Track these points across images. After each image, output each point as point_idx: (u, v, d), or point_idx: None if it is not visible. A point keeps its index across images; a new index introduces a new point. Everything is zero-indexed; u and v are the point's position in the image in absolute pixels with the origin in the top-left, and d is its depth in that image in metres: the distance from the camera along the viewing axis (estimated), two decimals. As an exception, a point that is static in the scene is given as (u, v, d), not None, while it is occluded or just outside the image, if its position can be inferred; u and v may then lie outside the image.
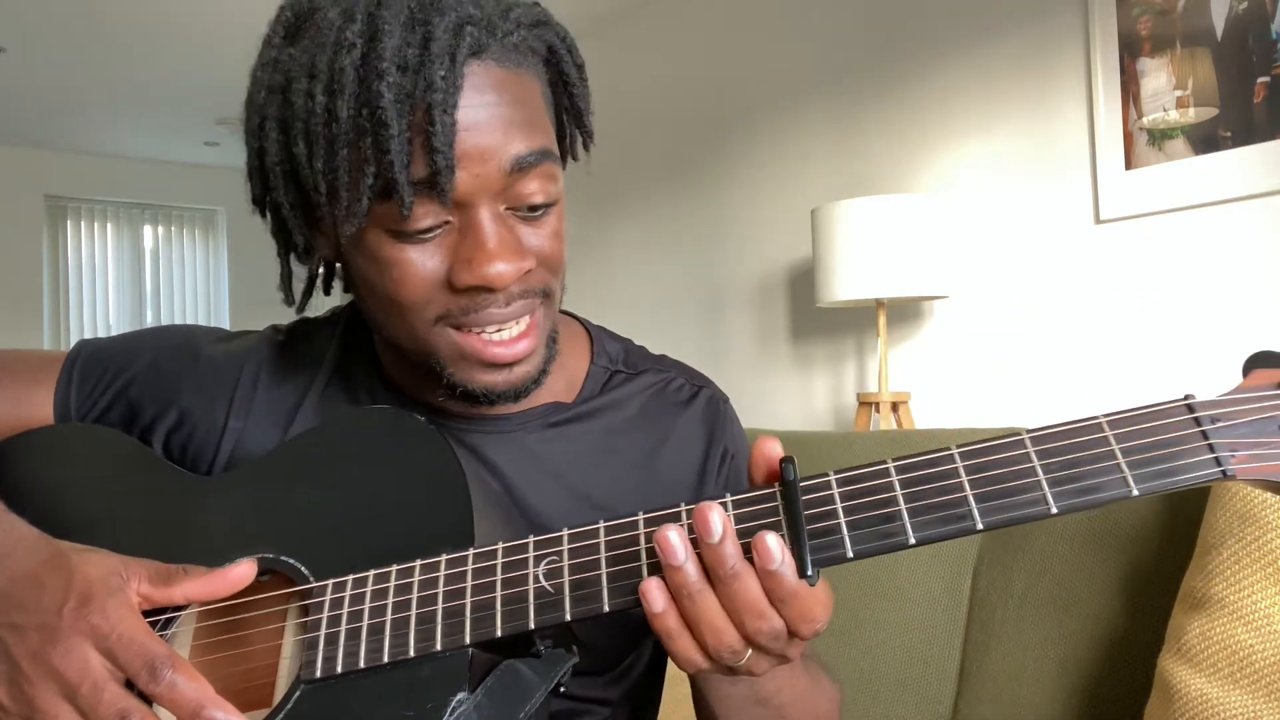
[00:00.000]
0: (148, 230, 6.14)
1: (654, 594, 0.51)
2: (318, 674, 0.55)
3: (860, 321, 2.80)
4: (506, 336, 0.64)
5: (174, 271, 6.21)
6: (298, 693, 0.55)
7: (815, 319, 2.95)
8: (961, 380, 2.52)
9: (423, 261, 0.61)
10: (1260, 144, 1.92)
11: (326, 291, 0.75)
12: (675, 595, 0.51)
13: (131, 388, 0.76)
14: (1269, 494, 0.82)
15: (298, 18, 0.61)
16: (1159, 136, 2.08)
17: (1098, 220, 2.21)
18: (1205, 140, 2.01)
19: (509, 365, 0.65)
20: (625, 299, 3.67)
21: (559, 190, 0.64)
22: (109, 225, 5.99)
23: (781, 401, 3.03)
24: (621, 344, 0.83)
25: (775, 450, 0.53)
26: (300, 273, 0.71)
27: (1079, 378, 2.25)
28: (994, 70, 2.44)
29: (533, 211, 0.62)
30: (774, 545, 0.49)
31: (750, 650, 0.51)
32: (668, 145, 3.49)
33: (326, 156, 0.58)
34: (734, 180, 3.26)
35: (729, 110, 3.27)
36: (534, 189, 0.61)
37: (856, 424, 2.42)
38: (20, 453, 0.75)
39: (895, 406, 2.36)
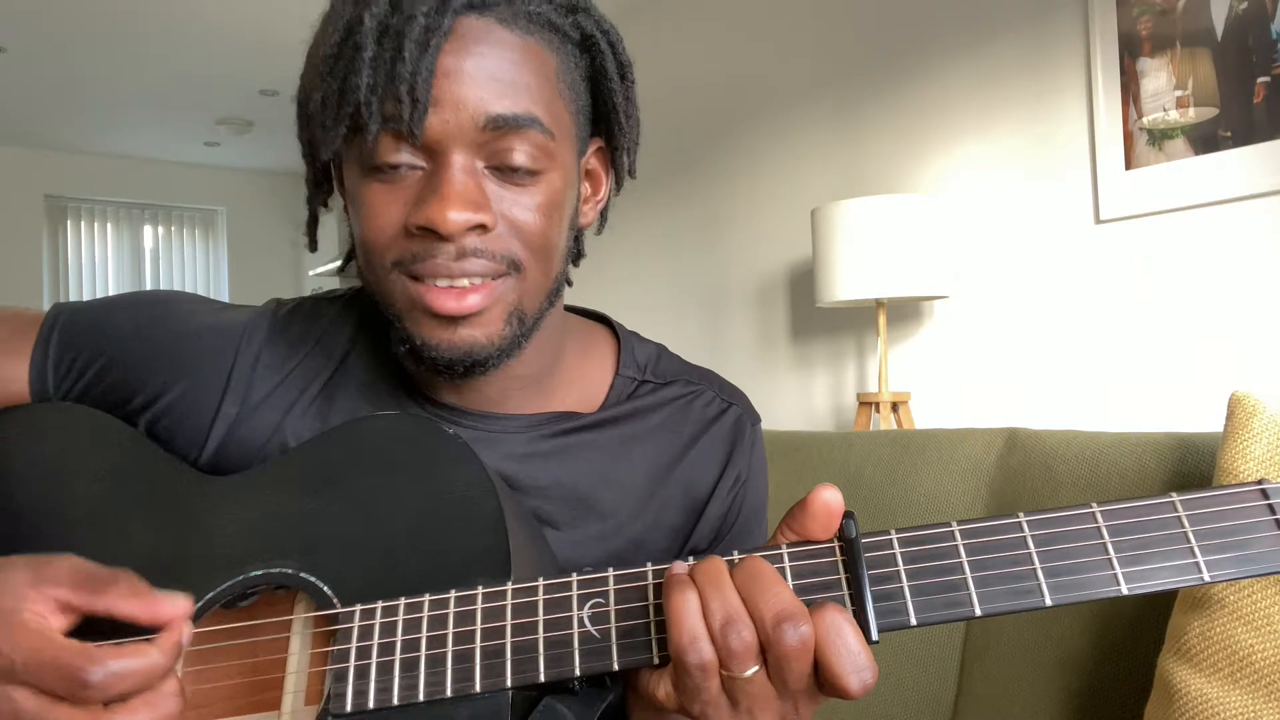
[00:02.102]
0: (148, 230, 6.14)
1: (680, 564, 0.50)
2: (348, 708, 0.52)
3: (860, 321, 2.80)
4: (456, 288, 0.62)
5: (174, 271, 6.21)
6: None
7: (815, 319, 2.95)
8: (961, 380, 2.51)
9: (388, 202, 0.61)
10: (1260, 144, 1.92)
11: (347, 260, 0.74)
12: (697, 577, 0.49)
13: (113, 369, 0.71)
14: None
15: None
16: (1159, 136, 2.08)
17: (1098, 220, 2.21)
18: (1205, 140, 2.00)
19: (454, 321, 0.62)
20: (625, 299, 3.67)
21: (552, 162, 0.62)
22: (109, 225, 5.99)
23: (781, 401, 3.03)
24: (654, 350, 0.80)
25: (836, 502, 0.50)
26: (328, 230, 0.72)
27: (1079, 378, 2.25)
28: (994, 70, 2.44)
29: (513, 173, 0.61)
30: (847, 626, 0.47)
31: (760, 667, 0.47)
32: (668, 145, 3.49)
33: (322, 85, 0.59)
34: (734, 180, 3.26)
35: (729, 110, 3.27)
36: (515, 153, 0.60)
37: (856, 424, 2.42)
38: (2, 432, 0.70)
39: (895, 406, 2.36)
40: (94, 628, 0.52)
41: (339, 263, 0.75)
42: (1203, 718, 0.78)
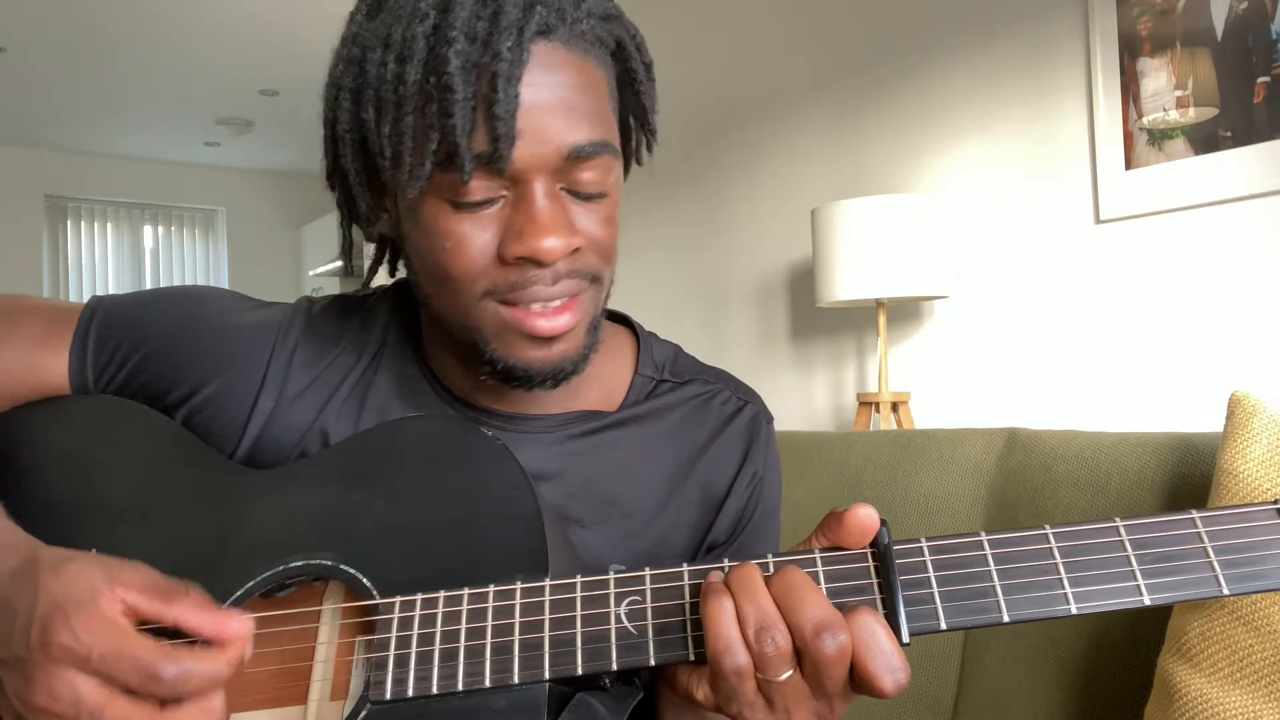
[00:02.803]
0: (148, 230, 6.14)
1: (717, 574, 0.52)
2: (387, 695, 0.53)
3: (860, 321, 2.80)
4: (550, 309, 0.64)
5: (174, 271, 6.21)
6: (365, 711, 0.54)
7: (815, 319, 2.95)
8: (961, 380, 2.51)
9: (475, 234, 0.61)
10: (1260, 144, 1.92)
11: (391, 273, 0.75)
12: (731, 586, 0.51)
13: (151, 363, 0.72)
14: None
15: None
16: (1159, 136, 2.08)
17: (1098, 220, 2.21)
18: (1205, 140, 2.00)
19: (549, 341, 0.64)
20: (625, 299, 3.66)
21: (615, 182, 0.65)
22: (109, 225, 5.99)
23: (781, 401, 3.03)
24: (671, 350, 0.82)
25: (872, 520, 0.52)
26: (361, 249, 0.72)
27: (1079, 378, 2.25)
28: (994, 70, 2.44)
29: (587, 198, 0.63)
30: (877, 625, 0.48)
31: (794, 671, 0.49)
32: (668, 145, 3.47)
33: (394, 121, 0.59)
34: (734, 180, 3.26)
35: (729, 110, 3.27)
36: (589, 178, 0.62)
37: (856, 424, 2.43)
38: (42, 423, 0.71)
39: (895, 406, 2.36)
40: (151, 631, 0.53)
41: (340, 262, 0.76)
42: (1203, 718, 0.78)
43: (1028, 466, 1.12)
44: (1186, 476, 0.95)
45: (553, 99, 0.59)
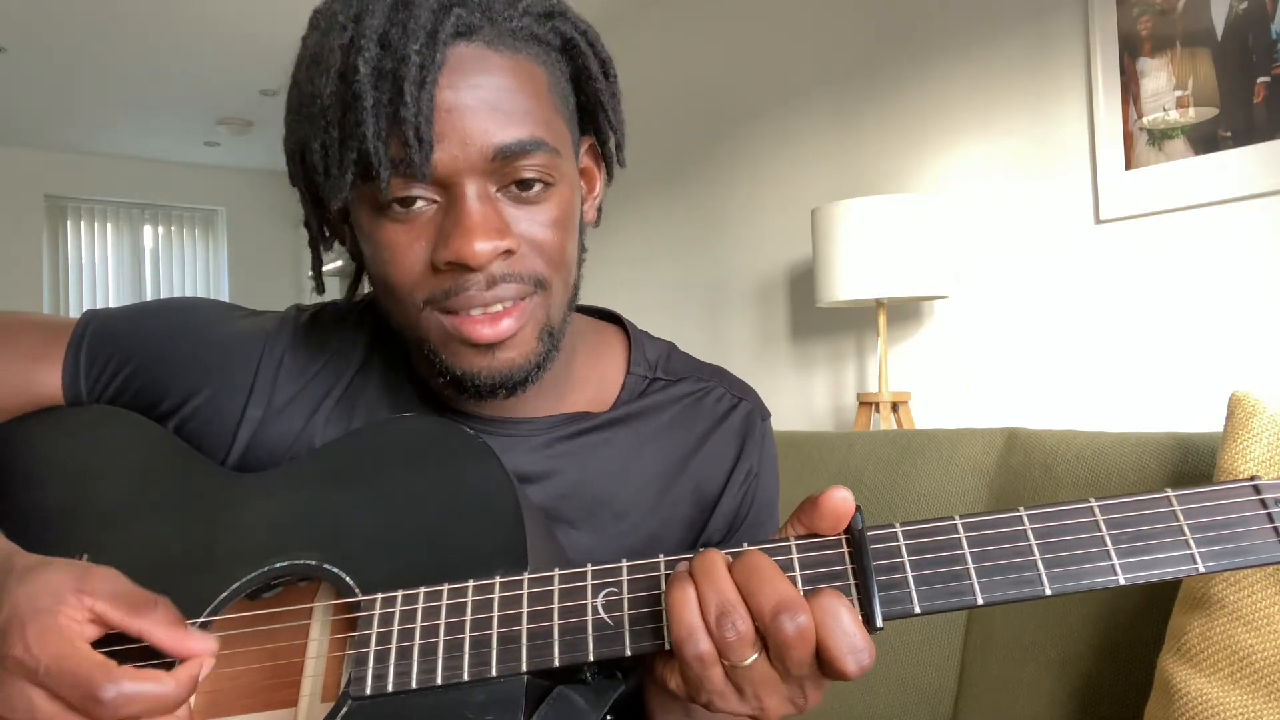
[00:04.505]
0: (148, 230, 6.14)
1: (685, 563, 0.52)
2: (367, 691, 0.54)
3: (860, 321, 2.80)
4: (490, 315, 0.62)
5: (174, 271, 6.21)
6: (346, 707, 0.54)
7: (815, 319, 2.95)
8: (961, 380, 2.51)
9: (410, 242, 0.61)
10: (1260, 144, 1.92)
11: (352, 290, 0.76)
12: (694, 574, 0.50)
13: (142, 374, 0.73)
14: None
15: (317, 12, 0.63)
16: (1159, 136, 2.08)
17: (1098, 220, 2.21)
18: (1205, 140, 2.01)
19: (491, 348, 0.63)
20: (625, 299, 3.67)
21: (563, 182, 0.63)
22: (109, 225, 5.99)
23: (781, 401, 3.03)
24: (664, 348, 0.81)
25: (848, 503, 0.51)
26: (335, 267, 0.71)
27: (1079, 378, 2.25)
28: (994, 70, 2.44)
29: (525, 190, 0.61)
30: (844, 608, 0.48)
31: (759, 655, 0.49)
32: (668, 145, 3.49)
33: (320, 135, 0.59)
34: (734, 180, 3.26)
35: (729, 110, 3.27)
36: (527, 178, 0.61)
37: (856, 424, 2.43)
38: (36, 433, 0.72)
39: (895, 406, 2.36)
40: (122, 637, 0.53)
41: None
42: (1203, 718, 0.78)
43: (1028, 466, 1.12)
44: (1186, 477, 0.96)
45: (475, 100, 0.58)
